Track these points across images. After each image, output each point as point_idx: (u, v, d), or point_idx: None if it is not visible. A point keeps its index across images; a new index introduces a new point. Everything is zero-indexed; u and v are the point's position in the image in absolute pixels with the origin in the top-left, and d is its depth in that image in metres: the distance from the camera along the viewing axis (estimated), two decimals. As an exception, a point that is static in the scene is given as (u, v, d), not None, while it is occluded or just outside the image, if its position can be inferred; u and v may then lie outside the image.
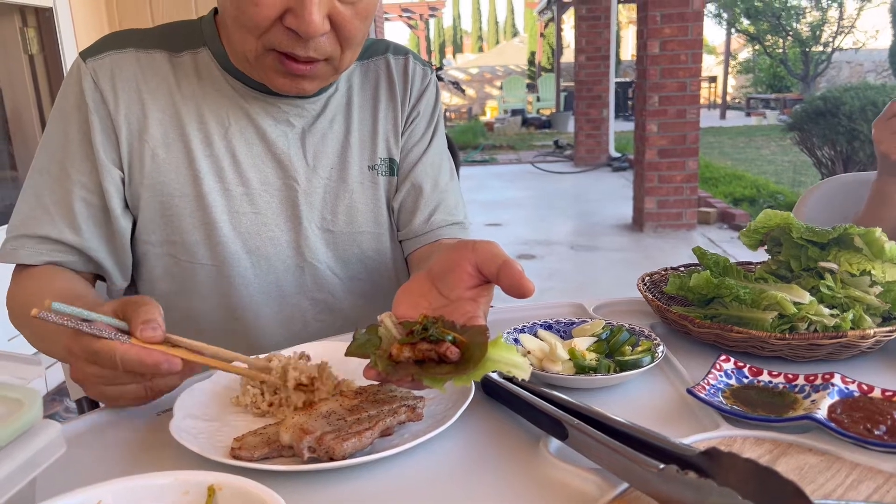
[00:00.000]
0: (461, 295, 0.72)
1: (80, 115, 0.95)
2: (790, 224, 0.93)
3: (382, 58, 1.10)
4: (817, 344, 0.79)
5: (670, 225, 5.75)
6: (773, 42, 14.51)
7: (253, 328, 1.03)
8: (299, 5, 0.82)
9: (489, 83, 20.80)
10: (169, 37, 1.00)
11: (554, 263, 5.05)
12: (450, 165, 1.15)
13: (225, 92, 0.99)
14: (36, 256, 0.94)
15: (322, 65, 0.90)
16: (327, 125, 1.03)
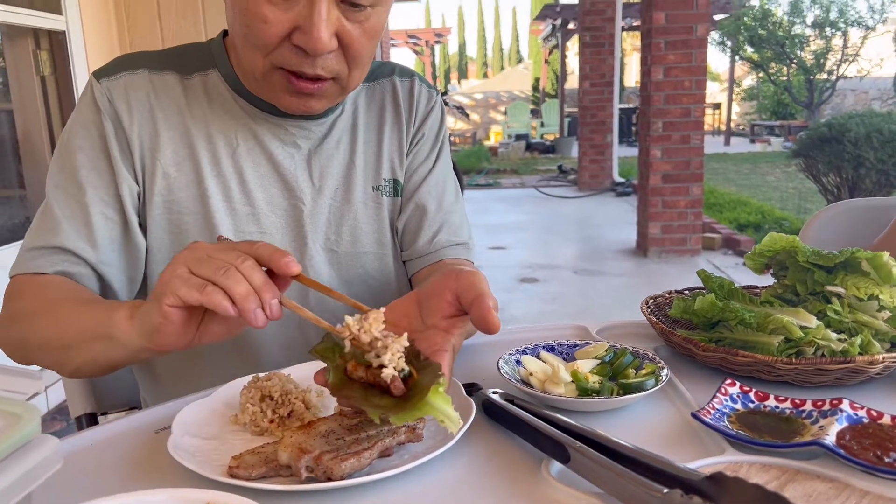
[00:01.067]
0: (436, 323, 0.74)
1: (97, 131, 0.96)
2: (796, 247, 0.93)
3: (388, 80, 1.11)
4: (825, 369, 0.78)
5: (675, 250, 5.74)
6: (778, 70, 14.60)
7: (255, 349, 1.02)
8: (307, 23, 0.83)
9: (493, 108, 20.92)
10: (179, 59, 1.01)
11: (557, 287, 5.03)
12: (455, 186, 1.15)
13: (234, 113, 0.99)
14: (50, 266, 0.93)
15: (330, 84, 0.90)
16: (333, 146, 1.04)
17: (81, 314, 0.83)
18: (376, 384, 0.65)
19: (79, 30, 3.55)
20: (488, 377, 0.86)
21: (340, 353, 0.68)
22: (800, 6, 13.54)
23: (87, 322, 0.81)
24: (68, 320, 0.84)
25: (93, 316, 0.81)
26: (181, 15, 3.58)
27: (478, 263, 1.11)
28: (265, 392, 0.77)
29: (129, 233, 0.97)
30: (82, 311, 0.84)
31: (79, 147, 0.96)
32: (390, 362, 0.64)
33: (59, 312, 0.86)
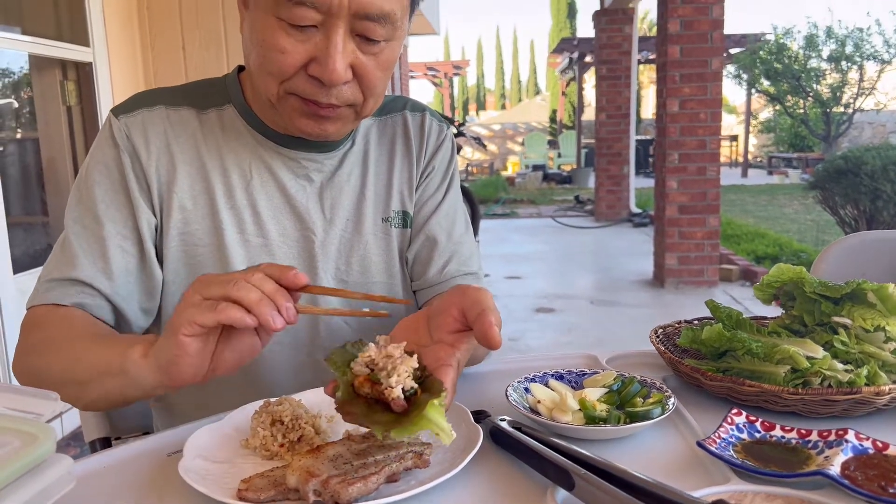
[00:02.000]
0: (442, 338, 0.75)
1: (116, 166, 0.99)
2: (803, 278, 0.93)
3: (400, 114, 1.14)
4: (832, 400, 0.79)
5: (692, 281, 5.71)
6: (794, 102, 14.59)
7: (266, 376, 1.04)
8: (324, 55, 0.86)
9: (511, 139, 21.07)
10: (196, 94, 1.04)
11: (573, 318, 5.02)
12: (465, 218, 1.17)
13: (248, 146, 1.02)
14: (66, 298, 0.95)
15: (345, 109, 0.93)
16: (345, 179, 1.06)
17: (96, 350, 0.84)
18: (381, 400, 0.67)
19: (105, 61, 3.65)
20: (497, 405, 0.87)
21: (351, 361, 0.71)
22: (815, 40, 13.56)
23: (100, 359, 0.82)
24: (83, 356, 0.85)
25: (107, 353, 0.82)
26: (204, 47, 3.67)
27: (493, 293, 1.13)
28: (275, 417, 0.79)
29: (146, 265, 0.99)
30: (96, 347, 0.85)
31: (96, 182, 0.99)
32: (397, 383, 0.66)
33: (74, 348, 0.87)
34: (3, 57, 3.29)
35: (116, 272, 0.97)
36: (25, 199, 3.71)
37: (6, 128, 3.44)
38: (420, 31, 14.44)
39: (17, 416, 0.61)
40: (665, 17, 5.49)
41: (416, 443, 0.72)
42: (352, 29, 0.87)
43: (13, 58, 3.40)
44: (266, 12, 0.87)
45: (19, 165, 3.59)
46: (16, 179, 3.45)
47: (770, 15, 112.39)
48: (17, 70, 3.51)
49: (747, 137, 17.07)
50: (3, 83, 3.39)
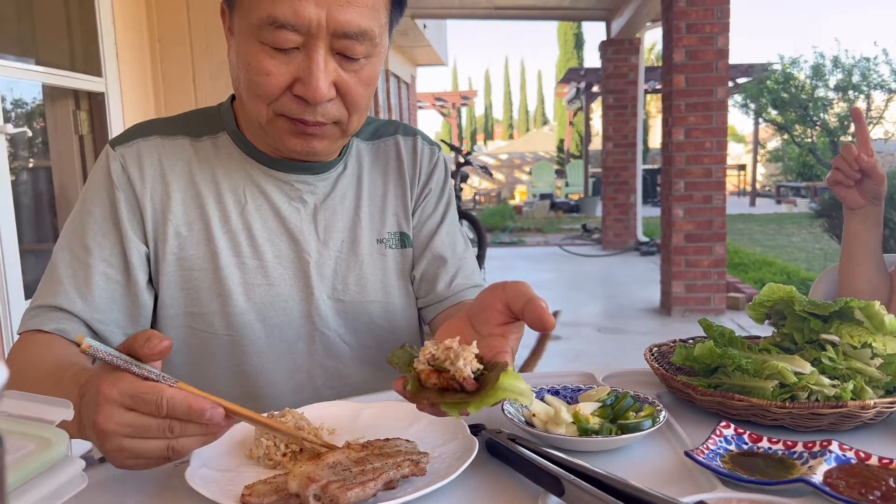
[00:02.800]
0: (491, 331, 0.77)
1: (107, 196, 1.02)
2: (793, 297, 0.96)
3: (392, 138, 1.18)
4: (818, 413, 0.81)
5: (699, 309, 5.71)
6: (802, 131, 14.63)
7: (266, 394, 1.07)
8: (307, 75, 0.90)
9: (518, 168, 21.19)
10: (190, 124, 1.08)
11: (580, 345, 5.01)
12: (463, 235, 1.21)
13: (242, 171, 1.06)
14: (47, 324, 0.97)
15: (331, 126, 0.97)
16: (338, 202, 1.10)
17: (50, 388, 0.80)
18: (449, 387, 0.69)
19: (117, 91, 3.73)
20: (495, 419, 0.89)
21: (411, 363, 0.74)
22: (822, 70, 13.65)
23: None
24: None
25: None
26: (214, 78, 3.75)
27: None
28: (279, 427, 0.81)
29: (132, 293, 1.02)
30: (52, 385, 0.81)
31: (89, 212, 1.02)
32: (466, 364, 0.69)
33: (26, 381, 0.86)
34: (17, 87, 3.37)
35: (98, 299, 0.99)
36: (38, 227, 3.78)
37: (20, 157, 3.51)
38: (428, 62, 14.66)
39: (33, 423, 0.64)
40: (670, 47, 5.56)
41: (412, 451, 0.75)
42: (332, 48, 0.91)
43: (27, 88, 3.49)
44: (250, 37, 0.91)
45: (32, 193, 3.66)
46: (29, 207, 3.52)
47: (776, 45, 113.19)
48: (31, 100, 3.60)
49: (755, 167, 17.11)
50: (17, 113, 3.47)
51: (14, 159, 3.36)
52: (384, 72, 11.12)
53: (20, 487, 0.56)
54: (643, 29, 8.59)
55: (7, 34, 3.14)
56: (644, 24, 8.23)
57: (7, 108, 3.25)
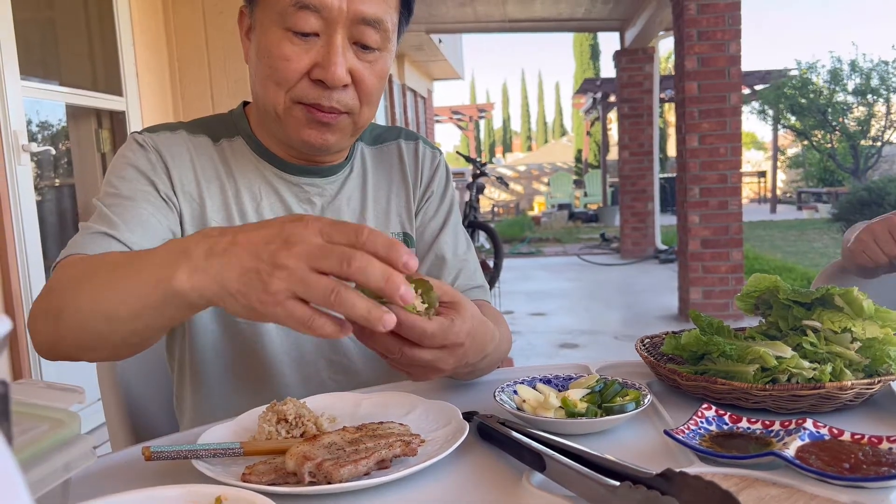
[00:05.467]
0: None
1: (142, 163, 1.04)
2: (777, 286, 0.99)
3: (395, 143, 1.23)
4: (798, 395, 0.83)
5: (717, 315, 5.61)
6: (822, 137, 14.52)
7: (277, 386, 1.12)
8: (326, 60, 0.96)
9: (537, 179, 21.22)
10: (208, 127, 1.14)
11: (597, 353, 5.02)
12: (466, 237, 1.24)
13: (257, 172, 1.12)
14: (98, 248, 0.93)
15: (344, 117, 1.02)
16: (345, 203, 1.15)
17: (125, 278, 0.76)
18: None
19: (137, 109, 3.83)
20: (488, 407, 0.92)
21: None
22: (840, 74, 13.56)
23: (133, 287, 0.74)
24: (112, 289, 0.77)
25: (141, 277, 0.73)
26: (231, 96, 3.85)
27: (518, 329, 1.20)
28: (280, 415, 0.86)
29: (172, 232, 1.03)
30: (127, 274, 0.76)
31: (122, 177, 1.03)
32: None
33: (100, 281, 0.79)
34: (42, 108, 3.48)
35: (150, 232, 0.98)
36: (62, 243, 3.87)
37: (45, 175, 3.62)
38: (444, 76, 14.77)
39: (47, 406, 0.69)
40: (682, 55, 5.59)
41: (405, 433, 0.79)
42: (350, 36, 0.97)
43: (52, 108, 3.60)
44: (271, 25, 0.98)
45: (57, 211, 3.76)
46: (53, 225, 3.61)
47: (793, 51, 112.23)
48: (55, 120, 3.71)
49: (775, 173, 16.99)
50: (43, 133, 3.58)
51: (40, 178, 3.46)
52: (401, 86, 11.23)
53: (34, 461, 0.61)
54: (657, 38, 8.62)
55: (32, 58, 3.25)
56: (657, 32, 8.26)
57: (33, 129, 3.35)
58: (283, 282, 0.63)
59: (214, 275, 0.66)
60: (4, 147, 2.85)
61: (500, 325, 1.05)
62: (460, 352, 0.79)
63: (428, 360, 0.77)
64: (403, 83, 11.49)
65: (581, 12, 8.45)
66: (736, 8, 5.48)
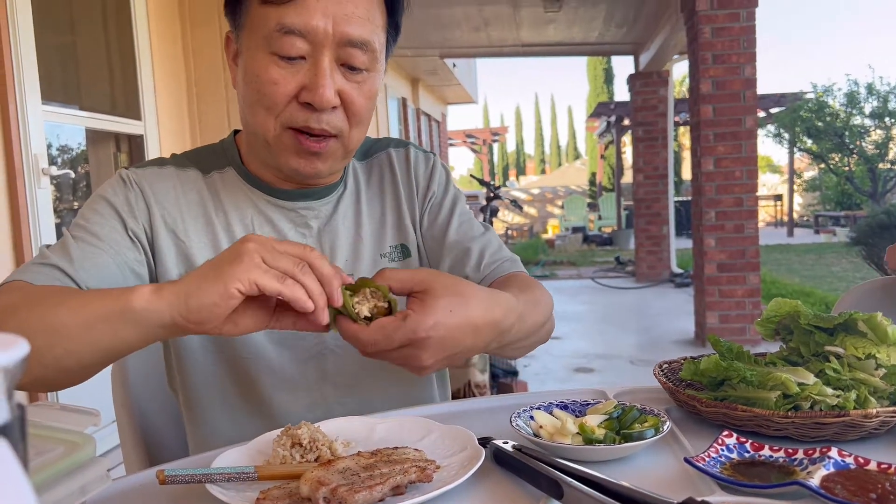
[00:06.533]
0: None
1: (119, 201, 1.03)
2: (799, 311, 0.97)
3: (384, 153, 1.21)
4: (822, 423, 0.82)
5: (734, 340, 5.57)
6: (839, 160, 14.43)
7: (278, 415, 1.10)
8: (313, 81, 0.96)
9: (551, 202, 21.22)
10: (199, 159, 1.13)
11: (613, 377, 4.97)
12: (479, 222, 1.20)
13: (249, 203, 1.10)
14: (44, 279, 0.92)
15: (333, 142, 1.01)
16: (340, 222, 1.14)
17: (83, 297, 0.81)
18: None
19: (155, 134, 3.88)
20: (504, 433, 0.91)
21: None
22: (856, 98, 13.50)
23: (90, 303, 0.79)
24: (65, 303, 0.81)
25: (99, 296, 0.80)
26: (249, 118, 3.88)
27: (532, 353, 1.17)
28: (295, 439, 0.85)
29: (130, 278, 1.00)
30: (84, 295, 0.82)
31: (94, 210, 1.03)
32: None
33: (51, 300, 0.82)
34: (63, 131, 3.53)
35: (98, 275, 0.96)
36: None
37: (64, 198, 3.66)
38: (458, 100, 14.86)
39: (62, 428, 0.69)
40: (697, 78, 5.59)
41: (420, 459, 0.78)
42: (336, 58, 0.97)
43: (72, 132, 3.65)
44: (258, 50, 0.97)
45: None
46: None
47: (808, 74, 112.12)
48: (75, 144, 3.76)
49: (791, 196, 16.88)
50: (63, 157, 3.62)
51: (59, 200, 3.50)
52: (415, 110, 11.31)
53: (50, 484, 0.61)
54: (671, 61, 8.63)
55: (54, 83, 3.31)
56: (671, 56, 8.28)
57: (53, 153, 3.40)
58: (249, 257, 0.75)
59: (176, 291, 0.77)
60: (25, 170, 2.89)
61: (529, 292, 1.00)
62: (431, 344, 0.79)
63: (395, 358, 0.81)
64: (418, 107, 11.57)
65: (595, 36, 8.50)
66: (751, 31, 5.49)
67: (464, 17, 7.40)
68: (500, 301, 0.87)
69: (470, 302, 0.82)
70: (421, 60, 9.86)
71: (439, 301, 0.79)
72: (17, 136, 2.84)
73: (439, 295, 0.80)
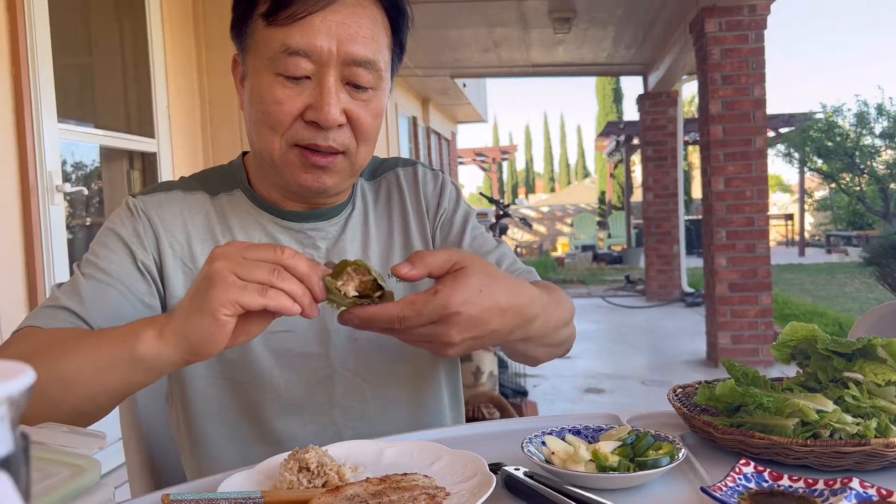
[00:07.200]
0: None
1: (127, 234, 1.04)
2: (815, 336, 0.95)
3: (392, 172, 1.20)
4: (842, 452, 0.80)
5: (747, 361, 5.56)
6: (850, 180, 14.36)
7: (285, 440, 1.08)
8: (318, 100, 0.95)
9: (560, 220, 21.21)
10: (207, 181, 1.13)
11: (624, 398, 4.92)
12: (491, 237, 1.20)
13: (257, 225, 1.10)
14: (54, 322, 0.94)
15: (341, 158, 1.00)
16: (349, 243, 1.13)
17: (88, 346, 0.83)
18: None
19: (168, 152, 3.90)
20: (515, 458, 0.90)
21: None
22: (866, 118, 13.46)
23: (95, 350, 0.82)
24: (72, 354, 0.83)
25: (104, 346, 0.81)
26: (260, 137, 3.90)
27: (542, 373, 1.15)
28: (303, 464, 0.84)
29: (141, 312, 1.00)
30: (89, 343, 0.84)
31: (103, 244, 1.03)
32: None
33: (60, 349, 0.84)
34: (78, 149, 3.56)
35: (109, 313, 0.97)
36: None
37: (77, 214, 3.68)
38: (468, 119, 14.92)
39: (67, 451, 0.68)
40: (706, 98, 5.59)
41: (429, 486, 0.76)
42: (342, 77, 0.97)
43: (86, 150, 3.68)
44: (263, 71, 0.97)
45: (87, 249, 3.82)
46: (83, 262, 3.67)
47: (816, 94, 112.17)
48: (89, 161, 3.79)
49: (802, 216, 16.80)
50: (77, 174, 3.65)
51: (72, 217, 3.52)
52: (425, 129, 11.36)
53: (54, 510, 0.60)
54: (680, 82, 8.64)
55: (70, 101, 3.34)
56: (680, 77, 8.29)
57: (67, 170, 3.42)
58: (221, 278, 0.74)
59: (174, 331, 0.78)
60: (39, 187, 2.90)
61: (552, 292, 1.01)
62: (461, 321, 0.79)
63: (422, 335, 0.80)
64: (428, 126, 11.62)
65: (604, 57, 8.52)
66: (760, 53, 5.49)
67: (474, 38, 7.44)
68: (527, 289, 0.89)
69: (498, 283, 0.84)
70: (431, 80, 9.91)
71: (470, 279, 0.80)
72: (32, 153, 2.86)
73: (471, 273, 0.81)
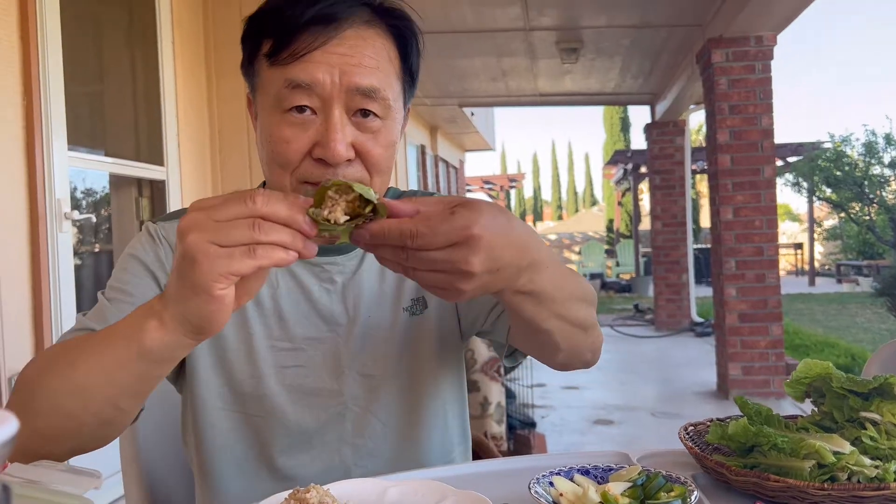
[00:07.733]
0: None
1: (150, 257, 1.05)
2: (830, 374, 0.93)
3: None
4: (859, 496, 0.77)
5: (757, 392, 5.49)
6: (860, 209, 14.31)
7: (294, 475, 1.07)
8: (325, 137, 0.93)
9: (568, 248, 21.18)
10: None
11: (633, 430, 4.85)
12: None
13: None
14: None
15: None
16: (364, 277, 1.11)
17: (92, 349, 0.82)
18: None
19: (177, 180, 3.92)
20: (522, 499, 0.87)
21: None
22: (875, 148, 13.45)
23: (101, 353, 0.80)
24: (78, 362, 0.82)
25: (109, 344, 0.80)
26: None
27: (550, 403, 1.13)
28: (303, 503, 0.82)
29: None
30: (93, 346, 0.82)
31: (124, 269, 1.04)
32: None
33: (66, 358, 0.84)
34: (88, 176, 3.58)
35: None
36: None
37: (85, 241, 3.69)
38: (476, 147, 15.00)
39: (62, 492, 0.67)
40: (714, 128, 5.59)
41: (433, 529, 0.74)
42: (348, 110, 0.95)
43: (96, 177, 3.70)
44: (270, 109, 0.97)
45: (94, 277, 3.82)
46: (90, 290, 3.66)
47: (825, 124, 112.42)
48: (98, 188, 3.81)
49: (812, 245, 16.72)
50: (86, 201, 3.67)
51: (80, 243, 3.53)
52: (433, 157, 11.42)
53: (44, 555, 0.58)
54: (687, 111, 8.67)
55: (81, 129, 3.37)
56: (688, 106, 8.31)
57: (77, 197, 3.44)
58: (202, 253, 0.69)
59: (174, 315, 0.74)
60: (48, 215, 2.91)
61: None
62: (483, 245, 0.71)
63: (441, 261, 0.71)
64: (436, 154, 11.69)
65: (611, 86, 8.57)
66: (767, 83, 5.50)
67: (482, 68, 7.51)
68: (533, 232, 0.81)
69: (507, 214, 0.77)
70: (440, 109, 9.99)
71: (484, 206, 0.73)
72: (41, 180, 2.87)
73: (482, 203, 0.74)
